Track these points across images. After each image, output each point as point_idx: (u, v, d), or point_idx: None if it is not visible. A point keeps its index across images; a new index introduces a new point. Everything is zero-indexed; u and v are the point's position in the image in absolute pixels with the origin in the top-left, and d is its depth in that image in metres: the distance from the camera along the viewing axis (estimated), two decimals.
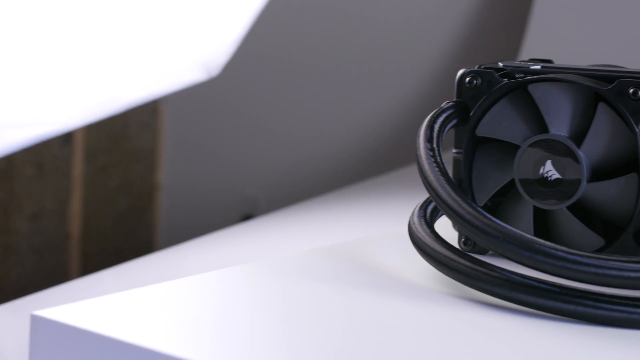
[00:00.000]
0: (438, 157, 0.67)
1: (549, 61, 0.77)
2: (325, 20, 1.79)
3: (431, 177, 0.65)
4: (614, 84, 0.67)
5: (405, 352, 0.55)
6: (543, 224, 0.72)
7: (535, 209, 0.71)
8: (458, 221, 0.63)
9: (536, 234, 0.72)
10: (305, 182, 1.78)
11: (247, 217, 1.80)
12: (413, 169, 0.68)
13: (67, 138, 1.89)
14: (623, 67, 0.72)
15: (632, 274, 0.57)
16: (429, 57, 1.76)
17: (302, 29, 1.83)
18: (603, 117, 0.68)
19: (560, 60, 0.85)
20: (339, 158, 1.72)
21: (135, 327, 0.57)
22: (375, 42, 1.74)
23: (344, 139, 1.74)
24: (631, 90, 0.67)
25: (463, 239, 0.74)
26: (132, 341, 0.54)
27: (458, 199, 0.63)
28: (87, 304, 0.60)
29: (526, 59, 0.79)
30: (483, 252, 0.73)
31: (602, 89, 0.68)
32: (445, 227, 0.70)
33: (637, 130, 0.66)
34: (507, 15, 1.92)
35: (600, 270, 0.58)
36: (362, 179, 1.52)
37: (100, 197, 1.99)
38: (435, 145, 0.68)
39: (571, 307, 0.59)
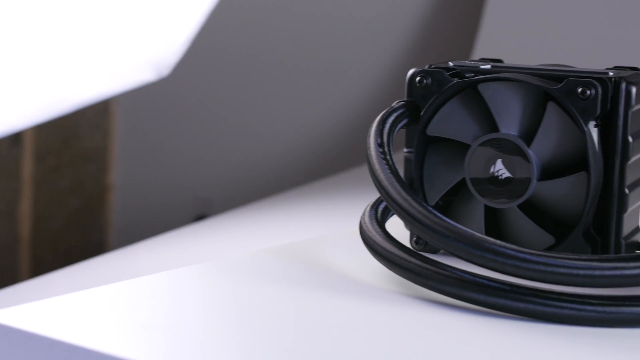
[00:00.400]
0: (388, 157, 0.67)
1: (499, 61, 0.77)
2: (278, 19, 1.79)
3: (381, 176, 0.65)
4: (562, 84, 0.68)
5: (356, 352, 0.55)
6: (494, 223, 0.73)
7: (487, 207, 0.72)
8: (408, 220, 0.63)
9: (487, 233, 0.72)
10: (259, 182, 1.78)
11: (200, 217, 1.79)
12: (366, 169, 0.68)
13: (16, 138, 1.87)
14: (572, 67, 0.73)
15: (581, 272, 0.58)
16: (382, 56, 1.76)
17: (255, 27, 1.82)
18: (552, 116, 0.69)
19: (513, 59, 0.86)
20: (293, 158, 1.72)
21: (85, 330, 0.56)
22: (329, 41, 1.74)
23: (298, 138, 1.74)
24: (579, 90, 0.67)
25: (415, 238, 0.74)
26: (81, 344, 0.53)
27: (408, 198, 0.63)
28: (36, 306, 0.59)
29: (478, 58, 0.79)
30: (435, 251, 0.73)
31: (551, 88, 0.68)
32: (397, 227, 0.70)
33: (585, 129, 0.67)
34: (460, 15, 1.93)
35: (549, 268, 0.58)
36: (316, 178, 1.52)
37: (50, 198, 1.97)
38: (385, 145, 0.68)
39: (521, 305, 0.59)
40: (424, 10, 1.83)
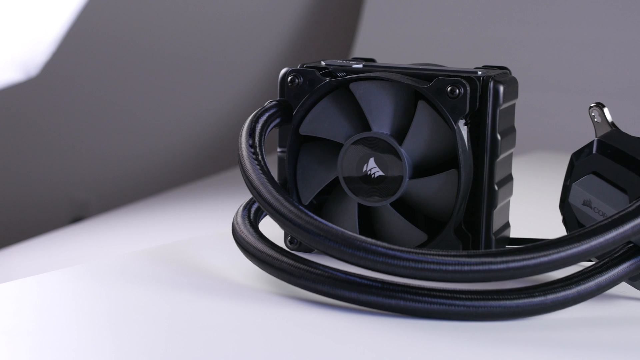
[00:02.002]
0: (260, 157, 0.66)
1: (372, 60, 0.78)
2: (151, 18, 1.76)
3: (253, 176, 0.65)
4: (432, 83, 0.69)
5: (227, 352, 0.55)
6: (368, 221, 0.73)
7: (360, 206, 0.72)
8: (280, 220, 0.63)
9: (361, 231, 0.72)
10: (136, 184, 1.75)
11: (77, 219, 1.75)
12: None
13: None
14: (443, 66, 0.74)
15: (450, 267, 0.59)
16: (260, 56, 1.75)
17: (127, 27, 1.78)
18: (423, 115, 0.70)
19: (391, 59, 0.86)
20: (169, 159, 1.70)
21: None
22: (205, 40, 1.72)
23: (173, 140, 1.72)
24: (449, 88, 0.68)
25: (289, 238, 0.74)
26: None
27: (280, 197, 0.63)
28: None
29: (351, 58, 0.80)
30: (309, 251, 0.73)
31: (420, 87, 0.69)
32: (272, 227, 0.69)
33: (455, 127, 0.68)
34: (339, 14, 1.94)
35: (419, 265, 0.59)
36: (194, 178, 1.51)
37: None
38: (257, 145, 0.67)
39: (393, 302, 0.60)
40: (302, 10, 1.84)
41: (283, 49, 1.79)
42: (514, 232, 0.76)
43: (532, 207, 0.92)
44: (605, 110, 0.67)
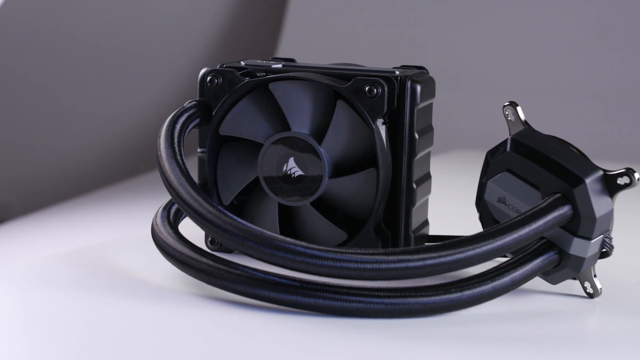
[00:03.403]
0: (179, 157, 0.66)
1: (292, 60, 0.78)
2: (70, 16, 1.73)
3: (171, 177, 0.64)
4: (350, 82, 0.69)
5: (146, 354, 0.54)
6: (289, 221, 0.73)
7: (281, 205, 0.72)
8: (199, 221, 0.62)
9: (282, 231, 0.73)
10: (56, 186, 1.72)
11: None
12: None
13: None
14: (362, 66, 0.74)
15: (368, 265, 0.59)
16: (183, 55, 1.74)
17: (45, 27, 1.75)
18: (342, 115, 0.70)
19: (315, 58, 0.87)
20: (91, 160, 1.67)
21: None
22: (125, 39, 1.70)
23: (96, 140, 1.69)
24: (367, 88, 0.69)
25: (210, 239, 0.74)
26: None
27: (198, 198, 0.63)
28: None
29: (271, 58, 0.80)
30: (230, 251, 0.73)
31: (339, 87, 0.69)
32: (193, 228, 0.69)
33: (373, 126, 0.69)
34: (263, 14, 1.94)
35: (337, 264, 0.59)
36: (113, 181, 1.49)
37: None
38: (176, 145, 0.67)
39: (312, 301, 0.60)
40: (226, 9, 1.83)
41: (206, 48, 1.79)
42: (433, 230, 0.77)
43: (451, 205, 0.93)
44: (519, 108, 0.68)
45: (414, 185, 0.71)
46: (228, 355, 0.55)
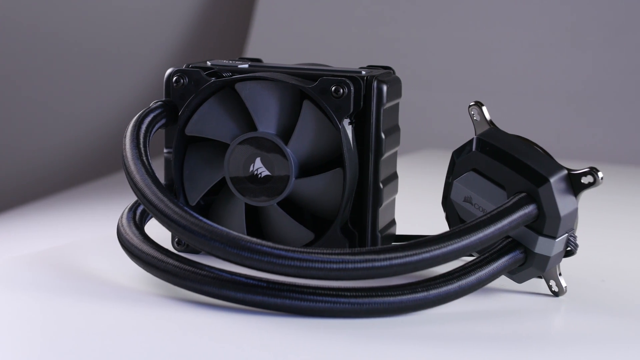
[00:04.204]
0: (144, 158, 0.66)
1: (259, 60, 0.78)
2: (35, 14, 1.71)
3: (137, 177, 0.64)
4: (316, 82, 0.69)
5: (110, 356, 0.54)
6: (256, 221, 0.73)
7: (248, 206, 0.72)
8: (164, 222, 0.62)
9: (250, 232, 0.73)
10: (20, 187, 1.71)
11: None
12: None
13: None
14: (328, 66, 0.74)
15: (335, 266, 0.59)
16: (151, 55, 1.73)
17: (11, 21, 1.73)
18: (308, 115, 0.70)
19: (283, 58, 0.87)
20: (56, 161, 1.66)
21: None
22: (91, 40, 1.68)
23: (60, 141, 1.68)
24: (333, 88, 0.69)
25: (176, 240, 0.74)
26: None
27: (164, 199, 0.62)
28: None
29: (237, 58, 0.80)
30: (197, 252, 0.73)
31: (305, 87, 0.69)
32: (160, 229, 0.69)
33: (340, 126, 0.69)
34: (231, 14, 1.94)
35: (303, 264, 0.59)
36: (79, 182, 1.48)
37: None
38: (142, 146, 0.67)
39: (278, 301, 0.60)
40: (194, 9, 1.83)
41: (173, 48, 1.78)
42: (400, 229, 0.77)
43: (418, 205, 0.93)
44: (484, 108, 0.68)
45: (381, 185, 0.71)
46: (192, 356, 0.55)
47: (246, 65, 0.73)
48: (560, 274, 0.66)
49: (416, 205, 0.92)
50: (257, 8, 1.88)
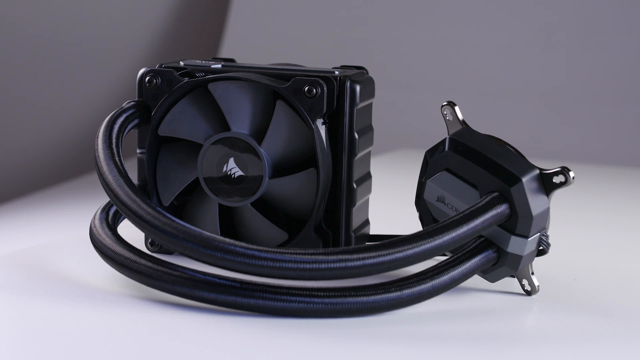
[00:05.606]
0: (117, 158, 0.65)
1: (232, 60, 0.78)
2: (4, 11, 1.70)
3: (109, 178, 0.64)
4: (290, 82, 0.69)
5: (77, 357, 0.54)
6: (230, 222, 0.73)
7: (222, 206, 0.72)
8: (137, 222, 0.62)
9: (223, 232, 0.72)
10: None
11: None
12: None
13: None
14: (302, 66, 0.74)
15: (307, 266, 0.59)
16: (124, 55, 1.73)
17: None
18: (281, 115, 0.70)
19: (258, 58, 0.86)
20: (28, 162, 1.65)
21: None
22: (63, 39, 1.67)
23: (32, 141, 1.66)
24: (306, 88, 0.69)
25: (150, 240, 0.74)
26: None
27: (137, 199, 0.62)
28: None
29: (211, 58, 0.79)
30: (170, 253, 0.72)
31: (278, 87, 0.69)
32: (133, 229, 0.69)
33: (313, 126, 0.69)
34: (206, 14, 1.93)
35: (277, 264, 0.59)
36: (51, 183, 1.47)
37: None
38: (114, 146, 0.66)
39: (252, 302, 0.60)
40: (168, 8, 1.82)
41: (147, 48, 1.77)
42: (374, 229, 0.77)
43: (391, 204, 0.93)
44: (457, 108, 0.68)
45: (354, 185, 0.71)
46: (165, 358, 0.55)
47: (219, 66, 0.73)
48: (532, 273, 0.67)
49: (390, 205, 0.93)
50: (231, 8, 1.88)
